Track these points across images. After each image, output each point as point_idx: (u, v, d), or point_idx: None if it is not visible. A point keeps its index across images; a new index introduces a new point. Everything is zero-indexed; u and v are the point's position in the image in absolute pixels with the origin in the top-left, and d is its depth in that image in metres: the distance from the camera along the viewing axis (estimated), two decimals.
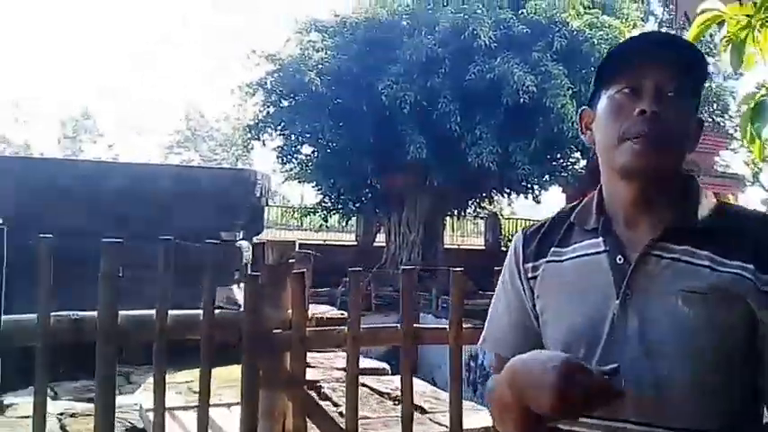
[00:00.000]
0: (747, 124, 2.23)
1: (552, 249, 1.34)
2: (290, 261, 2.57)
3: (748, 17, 2.08)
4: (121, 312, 2.35)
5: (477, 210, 18.72)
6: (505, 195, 17.15)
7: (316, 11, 15.26)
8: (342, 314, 6.33)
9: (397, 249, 15.32)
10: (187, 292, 2.58)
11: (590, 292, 1.25)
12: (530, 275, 1.36)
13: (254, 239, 8.36)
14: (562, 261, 1.32)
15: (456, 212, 17.66)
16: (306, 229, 20.45)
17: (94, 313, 2.32)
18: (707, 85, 15.85)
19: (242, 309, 2.57)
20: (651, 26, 20.03)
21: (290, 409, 2.56)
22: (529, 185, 14.95)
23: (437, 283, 13.22)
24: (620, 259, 1.23)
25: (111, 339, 2.30)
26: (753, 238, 1.19)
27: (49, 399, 6.27)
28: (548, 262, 1.33)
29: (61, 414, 5.62)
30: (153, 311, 2.40)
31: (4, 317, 2.23)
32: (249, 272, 2.50)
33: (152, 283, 2.40)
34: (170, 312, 2.41)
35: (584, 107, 1.36)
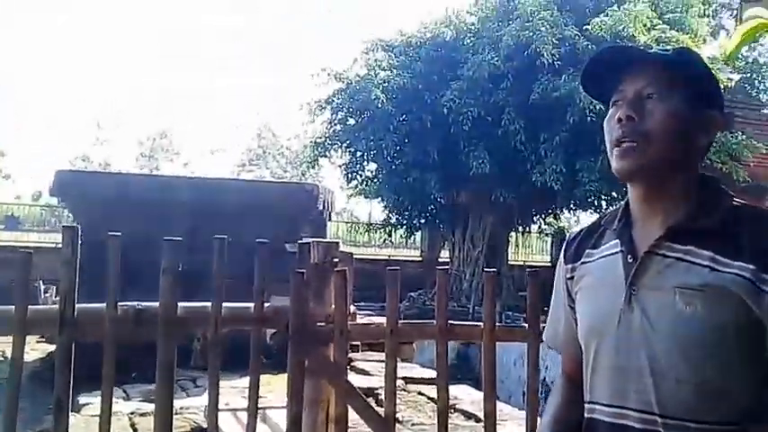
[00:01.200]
0: None
1: (587, 251, 1.46)
2: (334, 260, 2.77)
3: None
4: (181, 304, 2.60)
5: (544, 226, 18.62)
6: (572, 212, 17.01)
7: (383, 31, 15.58)
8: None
9: (460, 264, 15.38)
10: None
11: (607, 290, 1.36)
12: (568, 276, 1.49)
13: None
14: (592, 261, 1.44)
15: (521, 229, 17.61)
16: (373, 246, 20.73)
17: (156, 304, 2.58)
18: None
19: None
20: (722, 41, 19.55)
21: (333, 398, 2.74)
22: (597, 202, 14.80)
23: (500, 300, 13.23)
24: (630, 258, 1.33)
25: (171, 328, 2.55)
26: (756, 238, 1.24)
27: (121, 399, 6.66)
28: (582, 263, 1.46)
29: (132, 413, 5.98)
30: (209, 304, 2.64)
31: (78, 305, 2.51)
32: (296, 269, 2.71)
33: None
34: (224, 305, 2.64)
35: None
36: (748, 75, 15.10)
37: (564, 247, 1.54)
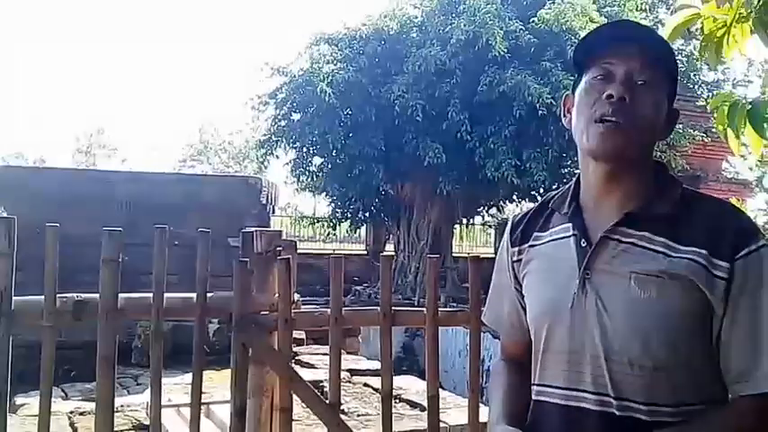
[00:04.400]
0: (724, 123, 2.33)
1: (534, 234, 1.46)
2: (278, 248, 2.77)
3: (725, 16, 2.17)
4: (121, 294, 2.56)
5: (487, 218, 18.85)
6: (517, 204, 17.22)
7: (327, 24, 15.51)
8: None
9: (405, 257, 15.47)
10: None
11: (559, 273, 1.37)
12: (515, 259, 1.49)
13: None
14: (541, 244, 1.44)
15: (465, 221, 17.79)
16: (318, 240, 20.67)
17: (96, 295, 2.53)
18: (718, 90, 15.95)
19: None
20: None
21: (277, 386, 2.75)
22: (542, 193, 15.01)
23: (445, 292, 13.36)
24: (583, 242, 1.34)
25: (112, 318, 2.51)
26: (708, 224, 1.28)
27: (60, 399, 6.52)
28: (530, 246, 1.46)
29: (71, 412, 5.86)
30: (150, 294, 2.61)
31: (15, 298, 2.45)
32: (239, 258, 2.70)
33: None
34: (166, 295, 2.61)
35: (567, 92, 1.46)
36: (684, 67, 15.56)
37: (509, 229, 1.53)
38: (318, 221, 17.92)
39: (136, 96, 59.84)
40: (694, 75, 16.43)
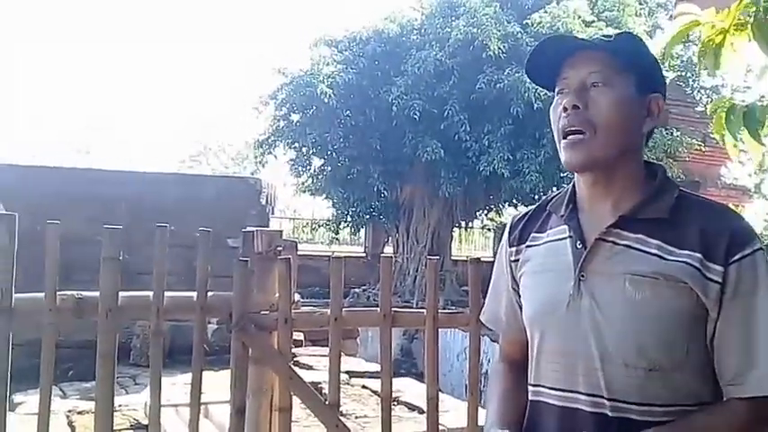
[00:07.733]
0: (722, 127, 2.33)
1: (532, 235, 1.48)
2: (278, 248, 2.77)
3: (723, 22, 2.20)
4: (122, 293, 2.56)
5: (486, 221, 18.86)
6: (515, 207, 17.21)
7: (328, 26, 15.50)
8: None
9: (405, 261, 15.46)
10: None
11: (554, 274, 1.38)
12: (512, 259, 1.51)
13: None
14: (538, 245, 1.46)
15: (465, 224, 17.79)
16: (316, 242, 20.67)
17: (97, 293, 2.53)
18: (716, 97, 15.94)
19: None
20: (658, 40, 20.06)
21: (277, 386, 2.75)
22: (539, 197, 15.00)
23: (443, 295, 13.36)
24: (579, 244, 1.35)
25: (113, 317, 2.51)
26: (703, 227, 1.28)
27: (58, 398, 6.50)
28: (527, 247, 1.47)
29: (69, 411, 5.86)
30: (150, 293, 2.61)
31: (15, 295, 2.45)
32: (239, 258, 2.70)
33: None
34: (166, 294, 2.61)
35: None
36: (683, 73, 15.57)
37: (508, 230, 1.54)
38: (320, 225, 17.93)
39: (135, 97, 59.73)
40: (693, 81, 16.43)
